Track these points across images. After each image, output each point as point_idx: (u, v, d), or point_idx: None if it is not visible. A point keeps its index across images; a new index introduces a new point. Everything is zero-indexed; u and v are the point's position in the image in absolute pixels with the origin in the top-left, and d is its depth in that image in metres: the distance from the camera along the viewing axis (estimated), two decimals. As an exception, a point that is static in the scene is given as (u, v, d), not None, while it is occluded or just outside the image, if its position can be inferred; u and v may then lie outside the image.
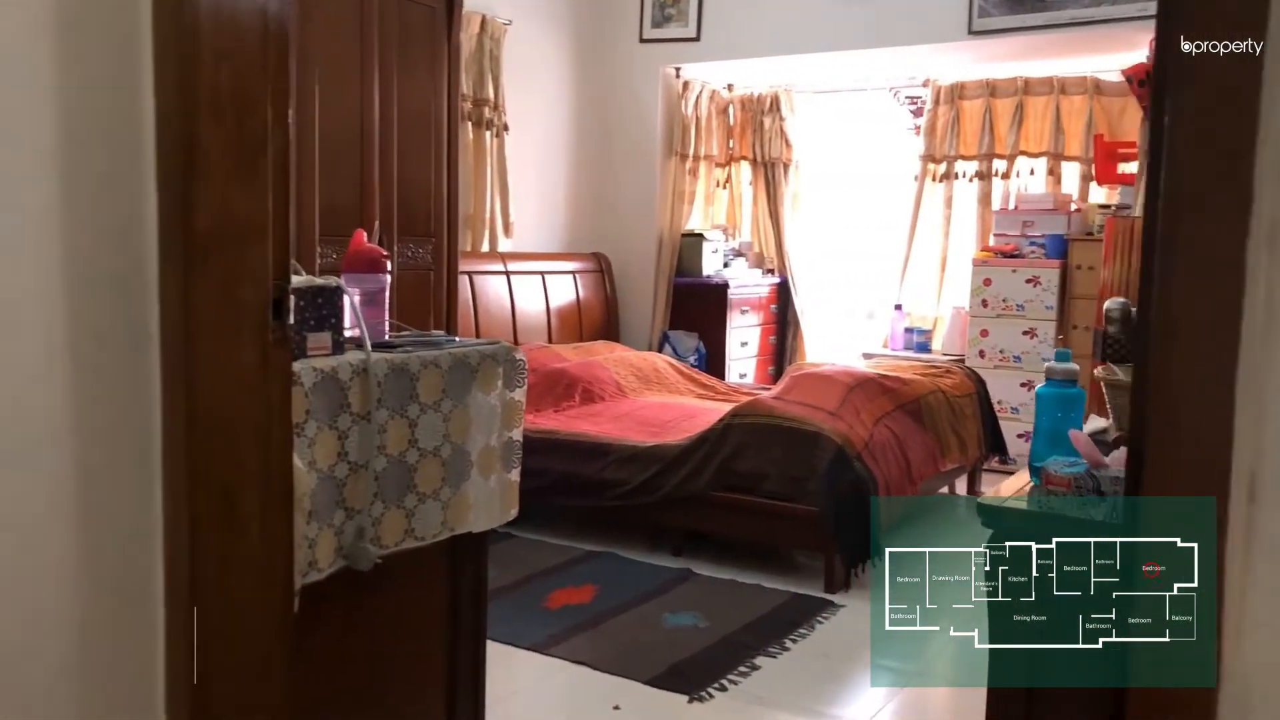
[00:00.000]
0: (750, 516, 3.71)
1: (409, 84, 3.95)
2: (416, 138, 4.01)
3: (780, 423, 3.71)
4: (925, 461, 4.08)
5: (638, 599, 3.44)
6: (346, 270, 1.75)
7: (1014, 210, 5.50)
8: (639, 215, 6.02)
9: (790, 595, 3.50)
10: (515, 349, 1.78)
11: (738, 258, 6.28)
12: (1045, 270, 5.23)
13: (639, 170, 6.02)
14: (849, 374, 4.14)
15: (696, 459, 3.81)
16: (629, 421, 4.40)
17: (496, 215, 5.30)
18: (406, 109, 3.95)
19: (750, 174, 6.51)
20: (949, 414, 4.40)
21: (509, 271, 5.26)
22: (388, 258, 1.80)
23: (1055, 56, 5.39)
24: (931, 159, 5.92)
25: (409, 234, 3.99)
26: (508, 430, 1.75)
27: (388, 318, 1.73)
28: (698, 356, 5.85)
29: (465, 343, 1.71)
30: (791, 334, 6.44)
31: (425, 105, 4.04)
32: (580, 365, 4.94)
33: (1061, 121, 5.56)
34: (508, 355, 1.75)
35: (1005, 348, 5.32)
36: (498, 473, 1.74)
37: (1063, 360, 1.87)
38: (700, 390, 5.18)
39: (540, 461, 4.08)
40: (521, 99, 5.43)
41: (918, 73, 5.86)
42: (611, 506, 3.96)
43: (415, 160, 4.00)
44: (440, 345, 1.67)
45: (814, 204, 6.46)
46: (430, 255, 4.10)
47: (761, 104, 6.34)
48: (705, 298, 5.95)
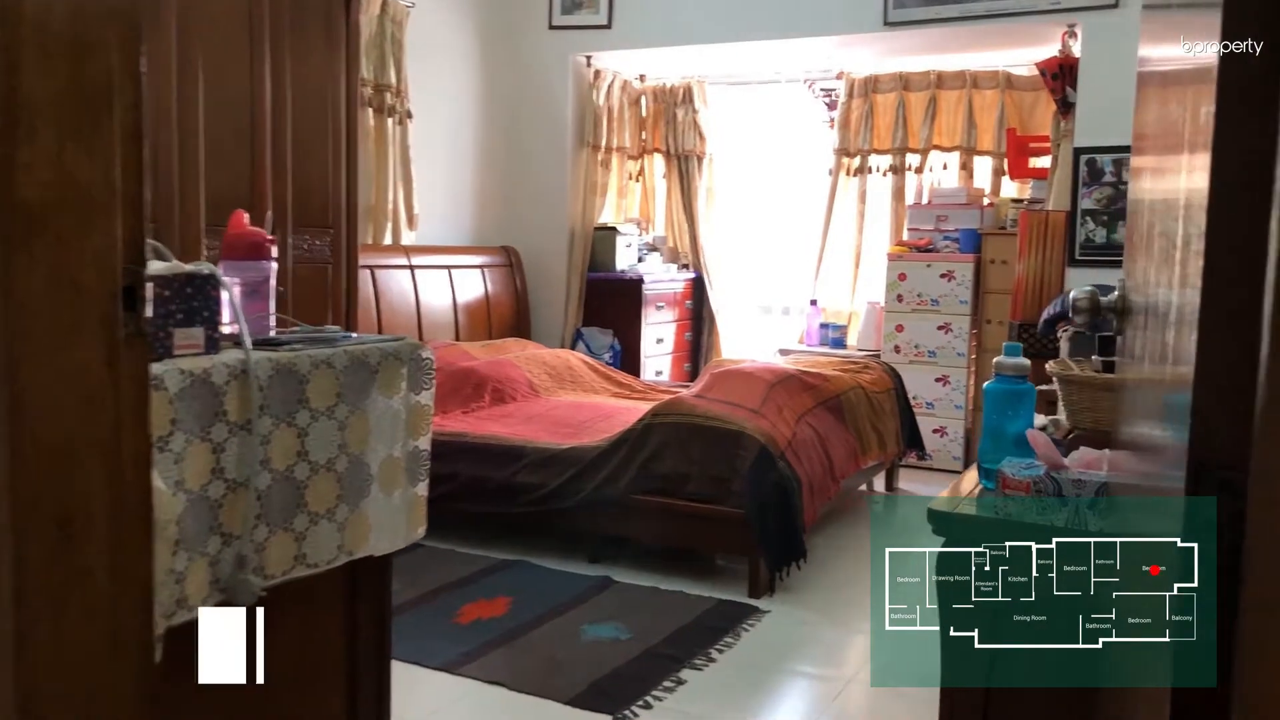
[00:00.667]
0: (671, 520, 3.56)
1: (304, 66, 3.68)
2: (312, 123, 3.74)
3: (702, 422, 3.57)
4: (847, 459, 3.99)
5: (555, 610, 3.26)
6: (225, 257, 1.53)
7: (927, 205, 5.48)
8: (550, 208, 5.82)
9: (714, 602, 3.36)
10: (422, 346, 1.57)
11: (652, 252, 6.14)
12: (959, 265, 5.21)
13: (550, 161, 5.83)
14: (770, 371, 4.02)
15: (615, 461, 3.64)
16: (543, 422, 4.21)
17: (399, 206, 5.05)
18: (302, 92, 3.68)
19: (664, 167, 6.37)
20: (869, 410, 4.32)
21: (413, 265, 5.02)
22: (273, 242, 1.58)
23: (968, 50, 5.38)
24: (845, 153, 5.87)
25: (305, 225, 3.72)
26: (414, 438, 1.54)
27: (273, 311, 1.51)
28: (612, 354, 5.69)
29: (364, 339, 1.50)
30: (707, 330, 6.33)
31: (322, 89, 3.78)
32: (490, 364, 4.73)
33: (974, 115, 5.56)
34: (413, 353, 1.54)
35: (920, 343, 5.29)
36: (403, 487, 1.53)
37: (1013, 354, 1.76)
38: (616, 389, 5.02)
39: (448, 466, 3.87)
40: (425, 85, 5.18)
41: (831, 65, 5.79)
42: (525, 512, 3.76)
43: (311, 147, 3.74)
44: (335, 342, 1.45)
45: (729, 198, 6.36)
46: (328, 248, 3.84)
47: (674, 95, 6.21)
48: (619, 293, 5.79)
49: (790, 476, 3.45)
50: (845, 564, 3.78)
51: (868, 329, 5.70)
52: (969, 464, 5.33)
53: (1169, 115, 1.04)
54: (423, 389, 1.54)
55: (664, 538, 3.66)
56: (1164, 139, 1.08)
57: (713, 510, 3.47)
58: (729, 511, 3.43)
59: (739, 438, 3.48)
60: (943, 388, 5.26)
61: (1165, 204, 1.02)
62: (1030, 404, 1.75)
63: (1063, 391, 1.75)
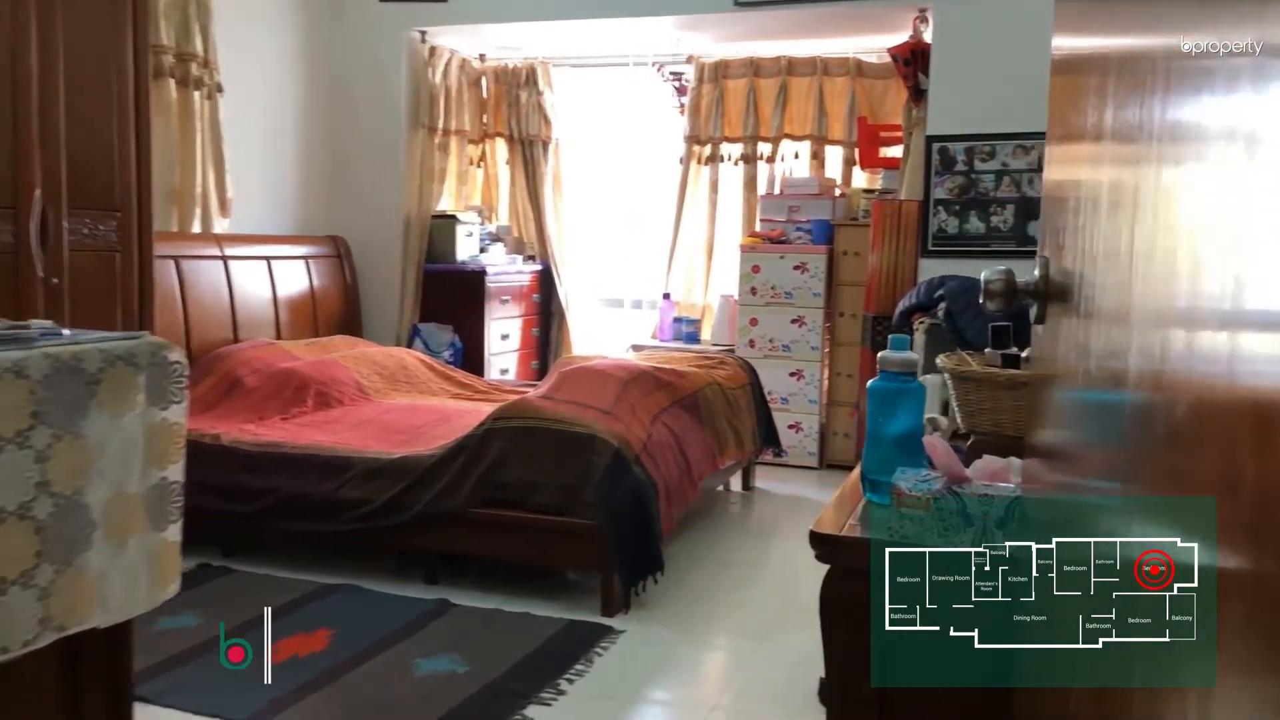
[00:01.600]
0: (517, 534, 3.23)
1: (81, 23, 3.16)
2: (93, 89, 3.22)
3: (549, 425, 3.25)
4: (704, 460, 3.76)
5: (384, 642, 2.88)
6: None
7: (779, 195, 5.32)
8: (382, 194, 5.39)
9: (564, 624, 3.05)
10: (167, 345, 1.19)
11: (495, 242, 5.78)
12: (812, 257, 5.07)
13: (382, 144, 5.39)
14: (622, 368, 3.74)
15: (453, 471, 3.29)
16: (372, 428, 3.80)
17: (210, 190, 4.52)
18: (77, 54, 3.15)
19: (507, 152, 6.01)
20: (725, 408, 4.11)
21: (226, 256, 4.50)
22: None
23: (819, 36, 5.25)
24: (696, 140, 5.66)
25: (84, 207, 3.20)
26: (158, 467, 1.16)
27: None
28: (453, 351, 5.30)
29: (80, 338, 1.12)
30: (556, 325, 6.01)
31: (103, 50, 3.26)
32: (314, 364, 4.28)
33: (825, 103, 5.44)
34: (155, 356, 1.15)
35: (775, 336, 5.13)
36: (142, 533, 1.15)
37: (900, 348, 1.52)
38: (456, 389, 4.64)
39: (263, 480, 3.45)
40: (239, 56, 4.67)
41: (681, 48, 5.57)
42: (351, 530, 3.36)
43: (90, 117, 3.22)
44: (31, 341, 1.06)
45: (577, 186, 6.06)
46: (115, 234, 3.32)
47: (517, 77, 5.86)
48: (460, 286, 5.41)
49: (646, 482, 3.18)
50: (703, 573, 3.54)
51: (721, 323, 5.51)
52: (824, 461, 5.23)
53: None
54: (170, 402, 1.16)
55: (509, 554, 3.33)
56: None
57: (562, 522, 3.16)
58: (580, 523, 3.13)
59: (590, 442, 3.18)
60: (797, 382, 5.11)
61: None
62: (920, 404, 1.52)
63: (957, 390, 1.52)
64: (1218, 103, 0.62)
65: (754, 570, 3.65)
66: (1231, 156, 0.58)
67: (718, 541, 3.93)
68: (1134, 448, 0.79)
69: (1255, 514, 0.55)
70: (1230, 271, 0.58)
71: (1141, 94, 0.76)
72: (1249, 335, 0.55)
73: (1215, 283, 0.61)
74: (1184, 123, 0.68)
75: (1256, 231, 0.54)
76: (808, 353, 5.08)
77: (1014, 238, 4.41)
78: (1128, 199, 0.79)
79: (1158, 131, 0.73)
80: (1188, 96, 0.67)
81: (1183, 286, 0.68)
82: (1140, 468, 0.78)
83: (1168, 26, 0.72)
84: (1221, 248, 0.60)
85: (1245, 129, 0.57)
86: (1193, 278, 0.66)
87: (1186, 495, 0.68)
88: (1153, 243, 0.73)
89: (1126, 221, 0.77)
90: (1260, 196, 0.54)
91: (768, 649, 2.93)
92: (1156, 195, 0.73)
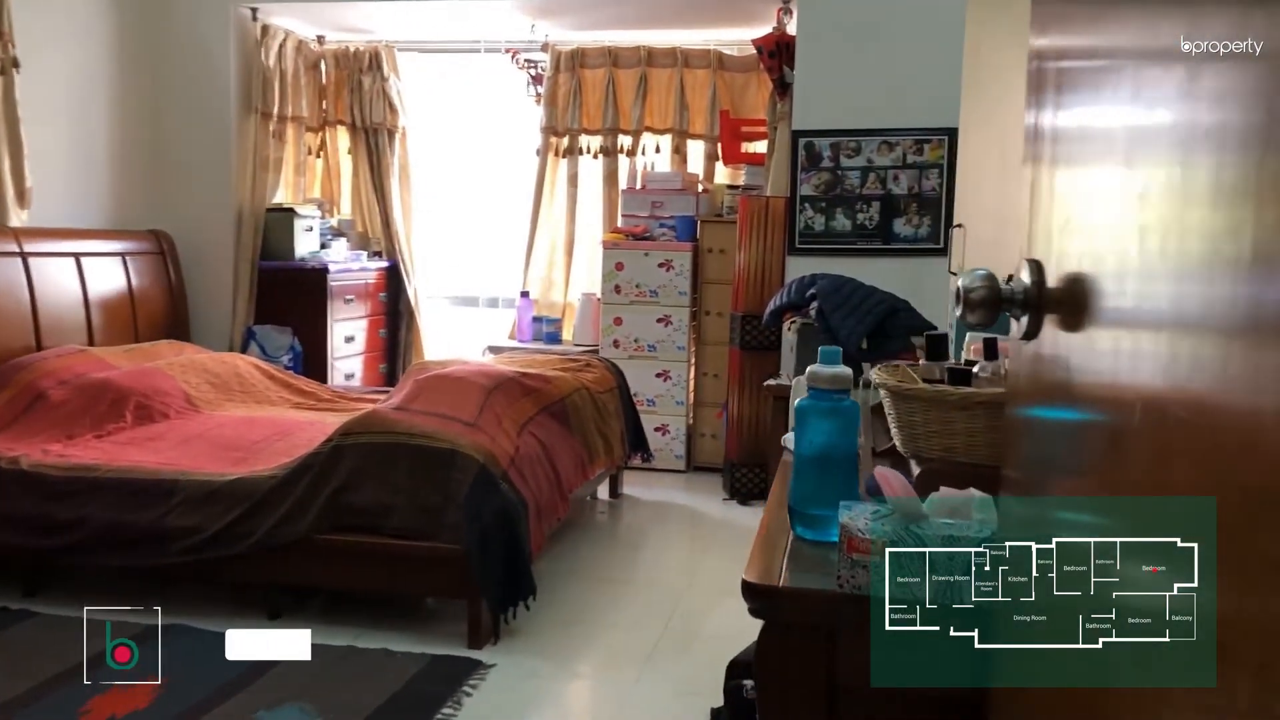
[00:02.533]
0: (371, 562, 2.92)
1: None
2: None
3: (406, 440, 2.96)
4: (575, 471, 3.53)
5: (219, 692, 2.53)
6: None
7: (641, 190, 5.14)
8: (211, 185, 4.92)
9: (426, 660, 2.76)
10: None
11: (338, 238, 5.38)
12: (677, 254, 4.91)
13: (209, 130, 4.91)
14: (485, 374, 3.47)
15: (297, 493, 2.95)
16: (202, 446, 3.40)
17: (6, 179, 3.99)
18: None
19: (349, 141, 5.61)
20: (594, 413, 3.89)
21: (26, 253, 3.98)
22: None
23: (680, 26, 5.11)
24: (554, 131, 5.41)
25: None
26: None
27: None
28: (292, 356, 4.89)
29: None
30: (405, 326, 5.65)
31: None
32: (134, 374, 3.82)
33: (686, 96, 5.28)
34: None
35: (640, 336, 4.95)
36: None
37: (830, 361, 1.33)
38: (298, 399, 4.25)
39: (74, 509, 3.03)
40: (39, 26, 4.14)
41: (535, 35, 5.30)
42: (179, 563, 2.97)
43: None
44: None
45: (427, 178, 5.72)
46: (-118, 227, 2.83)
47: (359, 61, 5.47)
48: (300, 285, 4.99)
49: (515, 500, 2.92)
50: (576, 593, 3.32)
51: (584, 322, 5.28)
52: (691, 463, 5.09)
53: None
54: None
55: (362, 584, 3.01)
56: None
57: (422, 548, 2.87)
58: (443, 548, 2.86)
59: (452, 457, 2.91)
60: (663, 383, 4.94)
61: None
62: (854, 425, 1.33)
63: (897, 409, 1.34)
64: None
65: (629, 587, 3.45)
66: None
67: (588, 556, 3.71)
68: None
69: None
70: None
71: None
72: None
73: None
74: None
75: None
76: (674, 353, 4.93)
77: (879, 236, 4.36)
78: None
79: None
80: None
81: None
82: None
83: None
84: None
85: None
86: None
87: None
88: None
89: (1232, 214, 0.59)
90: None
91: (652, 677, 2.73)
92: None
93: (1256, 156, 0.56)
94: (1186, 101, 0.67)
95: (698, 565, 3.69)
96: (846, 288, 3.93)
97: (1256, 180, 0.56)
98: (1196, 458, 0.65)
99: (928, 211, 4.29)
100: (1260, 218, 0.55)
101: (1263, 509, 0.56)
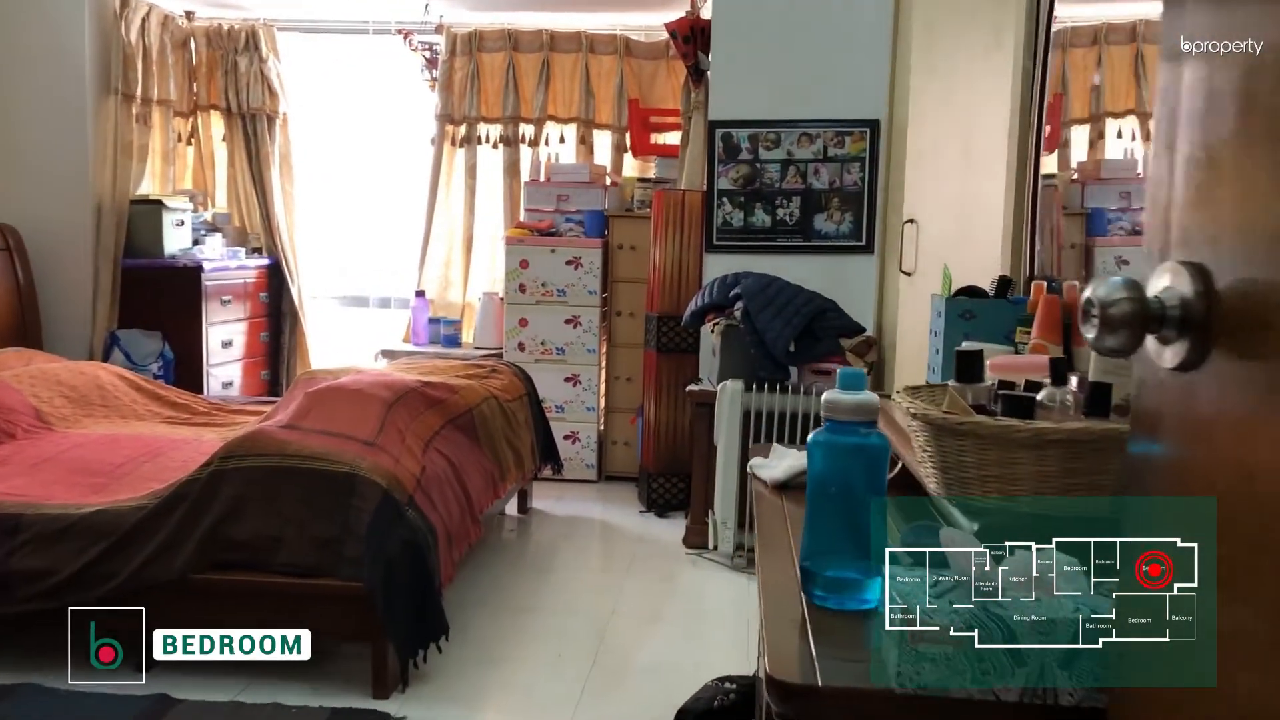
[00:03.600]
0: (258, 603, 2.55)
1: None
2: None
3: (297, 464, 2.60)
4: (485, 490, 3.22)
5: (77, 769, 2.15)
6: None
7: (546, 182, 4.83)
8: (64, 174, 4.41)
9: (325, 713, 2.42)
10: None
11: (213, 233, 4.91)
12: (586, 251, 4.62)
13: (60, 113, 4.41)
14: (384, 385, 3.11)
15: (170, 526, 2.56)
16: (55, 471, 2.95)
17: None
18: None
19: (224, 128, 5.14)
20: (504, 424, 3.58)
21: None
22: None
23: (585, 9, 4.82)
24: (450, 119, 5.06)
25: None
26: None
27: None
28: (162, 364, 4.42)
29: None
30: (289, 329, 5.22)
31: None
32: (-28, 389, 3.34)
33: (591, 84, 5.00)
34: None
35: (547, 338, 4.64)
36: None
37: (853, 387, 1.07)
38: (170, 413, 3.81)
39: (-107, 554, 2.55)
40: None
41: (430, 15, 4.94)
42: (27, 613, 2.54)
43: None
44: None
45: (311, 168, 5.29)
46: None
47: (234, 40, 5.01)
48: (170, 285, 4.54)
49: (422, 528, 2.60)
50: (490, 626, 3.01)
51: (486, 324, 4.94)
52: (603, 473, 4.81)
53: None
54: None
55: (247, 628, 2.63)
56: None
57: (317, 586, 2.52)
58: (341, 585, 2.51)
59: (351, 483, 2.56)
60: (573, 388, 4.65)
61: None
62: (883, 465, 1.08)
63: (940, 446, 1.09)
64: None
65: (548, 617, 3.15)
66: None
67: (499, 581, 3.41)
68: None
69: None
70: None
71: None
72: None
73: None
74: None
75: None
76: (584, 355, 4.64)
77: (800, 232, 4.17)
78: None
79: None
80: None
81: None
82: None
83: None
84: None
85: None
86: None
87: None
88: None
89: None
90: None
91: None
92: None
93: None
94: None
95: (620, 588, 3.42)
96: (772, 288, 3.72)
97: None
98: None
99: (849, 207, 4.12)
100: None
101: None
